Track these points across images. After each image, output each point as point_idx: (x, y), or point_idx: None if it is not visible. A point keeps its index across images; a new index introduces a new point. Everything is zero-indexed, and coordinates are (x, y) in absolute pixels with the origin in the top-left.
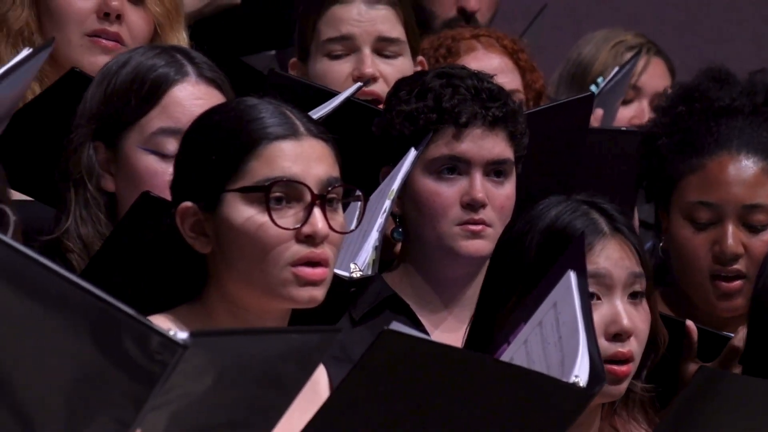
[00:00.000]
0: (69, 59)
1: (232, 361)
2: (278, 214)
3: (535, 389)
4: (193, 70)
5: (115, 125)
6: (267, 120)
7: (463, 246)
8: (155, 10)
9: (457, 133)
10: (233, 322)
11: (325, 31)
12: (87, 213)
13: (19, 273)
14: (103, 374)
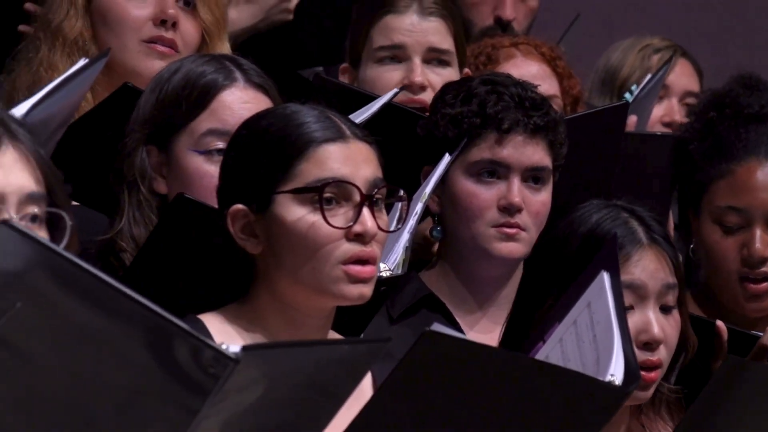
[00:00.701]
0: (125, 65)
1: (283, 371)
2: (329, 214)
3: (572, 388)
4: (241, 75)
5: (166, 129)
6: (314, 124)
7: (496, 247)
8: (206, 18)
9: (499, 139)
10: (281, 321)
11: (377, 39)
12: (140, 214)
13: (79, 286)
14: (158, 385)
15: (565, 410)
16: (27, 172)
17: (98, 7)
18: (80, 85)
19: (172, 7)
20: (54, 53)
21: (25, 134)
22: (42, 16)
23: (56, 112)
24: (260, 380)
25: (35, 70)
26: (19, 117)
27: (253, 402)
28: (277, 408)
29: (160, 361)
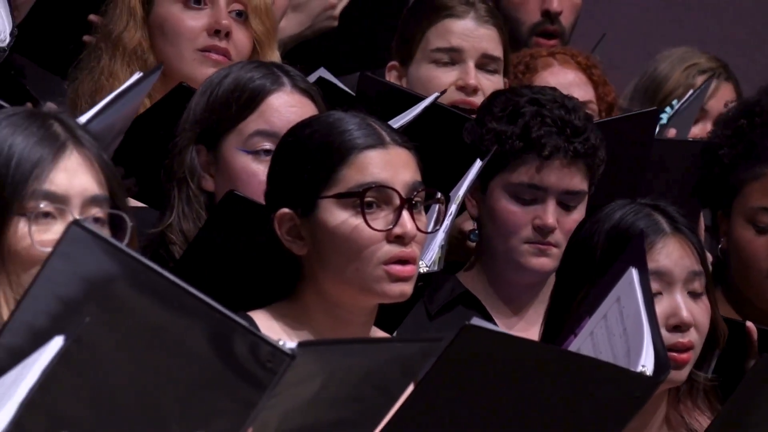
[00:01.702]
0: (181, 72)
1: (338, 368)
2: (370, 217)
3: (606, 378)
4: (288, 81)
5: (216, 130)
6: (355, 131)
7: (529, 261)
8: (258, 28)
9: (539, 165)
10: (326, 318)
11: (434, 40)
12: (189, 209)
13: (145, 285)
14: (218, 379)
15: (599, 400)
16: (90, 176)
17: (156, 18)
18: (135, 97)
19: (226, 17)
20: (114, 62)
21: (89, 139)
22: (103, 27)
23: (113, 123)
24: (316, 376)
25: (97, 78)
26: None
27: (310, 397)
28: (334, 403)
29: (220, 357)
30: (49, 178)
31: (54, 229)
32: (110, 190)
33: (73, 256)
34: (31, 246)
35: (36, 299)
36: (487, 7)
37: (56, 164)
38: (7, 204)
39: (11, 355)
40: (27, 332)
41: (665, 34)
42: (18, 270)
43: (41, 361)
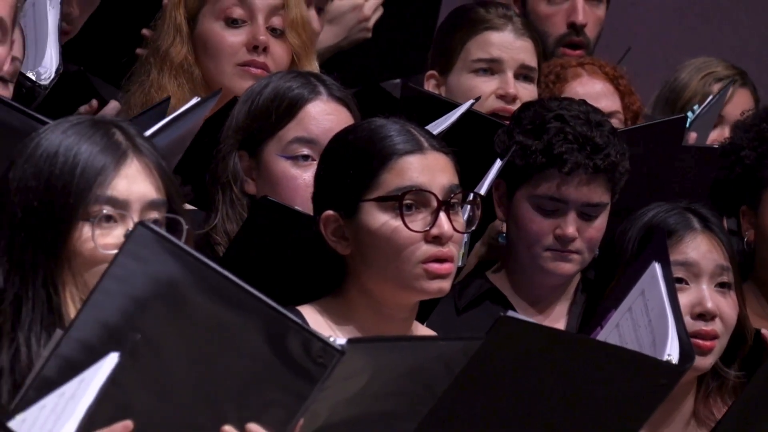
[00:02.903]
0: (222, 85)
1: (385, 364)
2: (409, 219)
3: (634, 367)
4: (324, 90)
5: (257, 137)
6: (395, 137)
7: (551, 266)
8: (294, 42)
9: (561, 180)
10: (370, 314)
11: (475, 51)
12: (232, 212)
13: (207, 283)
14: (273, 372)
15: (627, 388)
16: (149, 182)
17: (199, 34)
18: (192, 120)
19: (263, 33)
20: (162, 76)
21: (148, 147)
22: (152, 42)
23: (169, 144)
24: (364, 371)
25: (147, 91)
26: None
27: (357, 390)
28: (380, 397)
29: (275, 352)
30: (112, 184)
31: (115, 232)
32: (167, 194)
33: (140, 255)
34: (94, 248)
35: (104, 295)
36: (523, 20)
37: (118, 171)
38: (73, 209)
39: (82, 346)
40: (95, 325)
41: (686, 44)
42: (82, 271)
43: (99, 376)
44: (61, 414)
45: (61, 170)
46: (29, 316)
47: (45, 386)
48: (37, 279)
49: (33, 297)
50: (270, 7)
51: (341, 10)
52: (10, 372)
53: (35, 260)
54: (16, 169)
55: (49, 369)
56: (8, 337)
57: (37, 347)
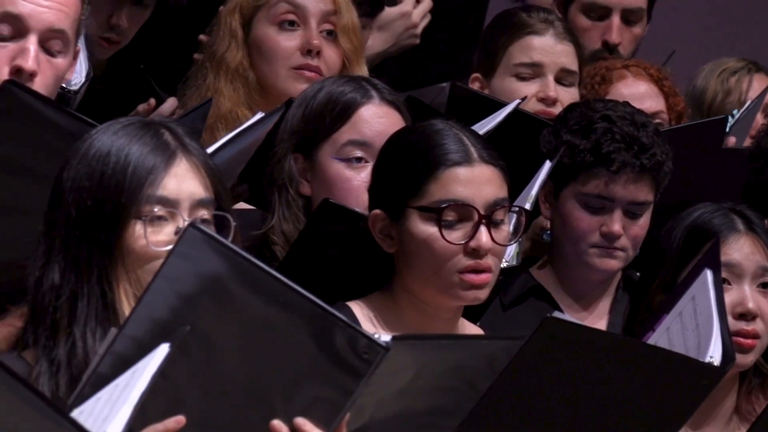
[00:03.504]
0: (277, 88)
1: (429, 360)
2: (449, 231)
3: (677, 368)
4: (376, 94)
5: (311, 139)
6: (447, 146)
7: (596, 262)
8: (346, 46)
9: (608, 178)
10: (414, 312)
11: (517, 55)
12: (289, 213)
13: (255, 282)
14: (320, 368)
15: (669, 387)
16: (197, 181)
17: (254, 39)
18: (256, 133)
19: (317, 38)
20: (218, 80)
21: (196, 147)
22: (208, 48)
23: (235, 156)
24: (409, 367)
25: (203, 94)
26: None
27: (402, 386)
28: (424, 393)
29: (322, 348)
30: (162, 184)
31: (166, 230)
32: (215, 193)
33: (190, 255)
34: (146, 246)
35: (156, 294)
36: (564, 25)
37: (167, 171)
38: (125, 208)
39: (135, 343)
40: (148, 323)
41: (725, 49)
42: (135, 267)
43: (150, 366)
44: (115, 403)
45: (113, 170)
46: (84, 311)
47: (100, 382)
48: (92, 276)
49: (88, 293)
50: (323, 13)
51: (390, 17)
52: (67, 366)
53: (90, 258)
54: (70, 169)
55: (103, 366)
56: (65, 332)
57: (92, 342)
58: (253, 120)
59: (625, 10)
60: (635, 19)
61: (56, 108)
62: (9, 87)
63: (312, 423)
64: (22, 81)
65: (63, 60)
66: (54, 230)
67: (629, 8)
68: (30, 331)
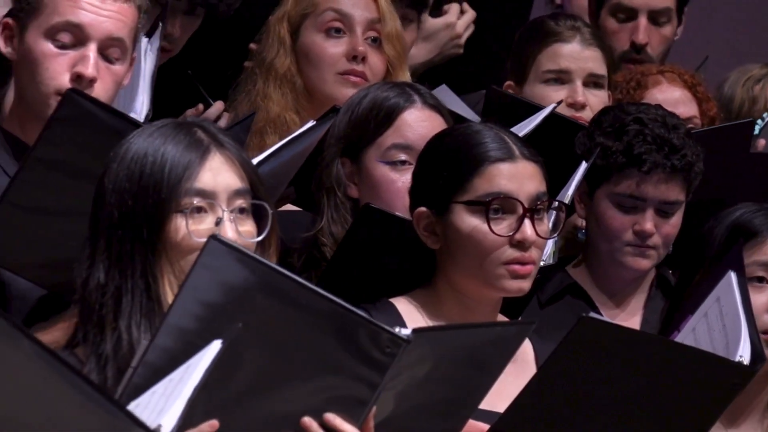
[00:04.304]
0: (324, 93)
1: (447, 350)
2: (495, 223)
3: (708, 367)
4: (419, 98)
5: (357, 144)
6: (489, 144)
7: (629, 261)
8: (390, 52)
9: (640, 178)
10: (456, 306)
11: (545, 63)
12: (337, 215)
13: (277, 287)
14: (345, 364)
15: (701, 386)
16: (233, 172)
17: (302, 46)
18: (307, 140)
19: (362, 44)
20: (267, 85)
21: (229, 141)
22: (258, 55)
23: (287, 162)
24: (428, 358)
25: (253, 100)
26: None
27: (422, 377)
28: (443, 382)
29: (345, 346)
30: (198, 177)
31: (206, 220)
32: (251, 183)
33: (213, 266)
34: (188, 236)
35: (183, 305)
36: (591, 31)
37: (203, 165)
38: (166, 203)
39: (165, 353)
40: (177, 333)
41: (757, 55)
42: (179, 259)
43: (203, 363)
44: (169, 396)
45: (151, 170)
46: (129, 305)
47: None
48: (136, 272)
49: (132, 288)
50: (367, 21)
51: (435, 28)
52: (114, 359)
53: (133, 254)
54: (110, 173)
55: (137, 376)
56: (111, 327)
57: (137, 334)
58: (304, 128)
59: (652, 10)
60: (663, 19)
61: (114, 114)
62: (70, 95)
63: (341, 417)
64: (82, 87)
65: (121, 67)
66: (98, 232)
67: (656, 9)
68: (80, 329)
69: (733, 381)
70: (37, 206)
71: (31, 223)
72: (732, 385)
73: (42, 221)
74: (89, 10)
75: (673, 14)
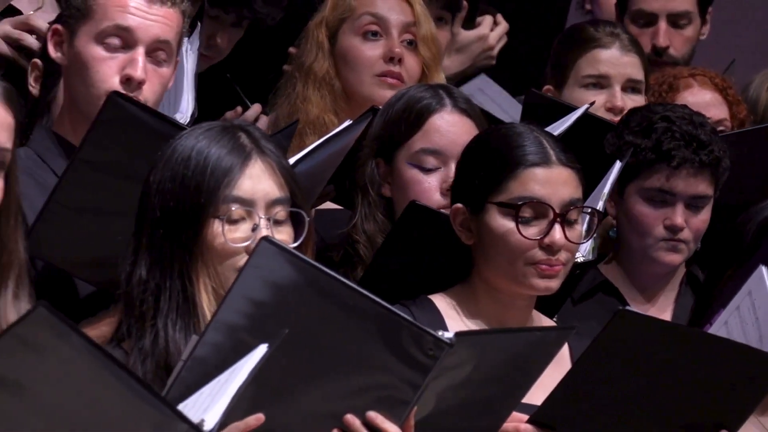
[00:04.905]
0: (361, 95)
1: (488, 353)
2: (525, 227)
3: (743, 359)
4: (450, 101)
5: (390, 145)
6: (527, 148)
7: (660, 256)
8: (425, 54)
9: (669, 173)
10: (491, 302)
11: (584, 68)
12: (370, 213)
13: (325, 288)
14: (389, 365)
15: (736, 378)
16: (272, 181)
17: (340, 49)
18: (345, 139)
19: (398, 46)
20: (307, 88)
21: (270, 148)
22: (297, 59)
23: (325, 160)
24: (470, 360)
25: (293, 103)
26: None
27: (463, 378)
28: (483, 383)
29: (390, 347)
30: (238, 184)
31: (243, 228)
32: (290, 191)
33: (264, 266)
34: (225, 243)
35: (233, 302)
36: (629, 38)
37: (243, 172)
38: (204, 208)
39: (214, 349)
40: (226, 330)
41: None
42: (215, 263)
43: (249, 364)
44: (215, 396)
45: (193, 172)
46: (166, 304)
47: (183, 386)
48: (174, 271)
49: (170, 288)
50: (403, 24)
51: (468, 40)
52: (152, 355)
53: (172, 255)
54: (155, 173)
55: (186, 370)
56: (150, 323)
57: (172, 332)
58: (341, 127)
59: (671, 14)
60: (683, 21)
61: (156, 116)
62: (114, 98)
63: (383, 416)
64: (131, 89)
65: (167, 69)
66: (142, 230)
67: (674, 12)
68: (124, 324)
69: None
70: (84, 206)
71: (78, 222)
72: (766, 377)
73: (89, 220)
74: (137, 14)
75: (694, 16)
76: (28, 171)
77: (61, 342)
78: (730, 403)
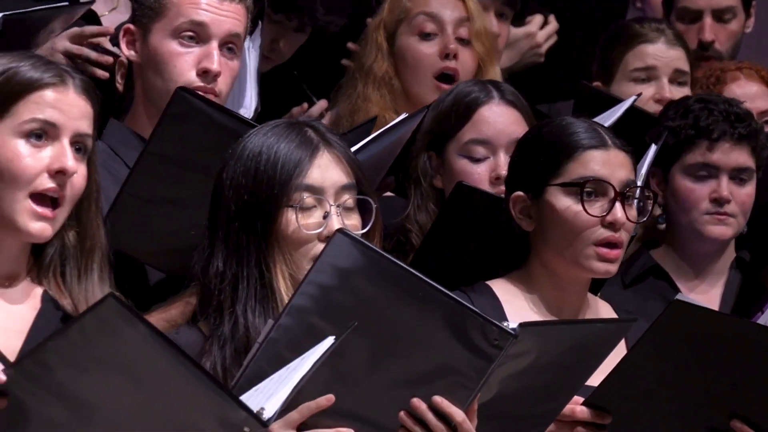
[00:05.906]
0: (419, 95)
1: (550, 343)
2: (588, 205)
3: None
4: (497, 94)
5: (441, 138)
6: (582, 133)
7: (709, 230)
8: (480, 49)
9: (710, 146)
10: (549, 286)
11: (632, 62)
12: (423, 204)
13: (395, 278)
14: (455, 353)
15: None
16: (340, 169)
17: (398, 50)
18: (401, 131)
19: (453, 43)
20: (367, 88)
21: (336, 140)
22: (357, 59)
23: (382, 151)
24: (533, 349)
25: (354, 102)
26: None
27: (526, 366)
28: (543, 371)
29: (457, 337)
30: (308, 173)
31: (315, 215)
32: (356, 179)
33: (338, 256)
34: (298, 230)
35: (308, 289)
36: (674, 32)
37: (312, 162)
38: (278, 198)
39: (287, 332)
40: (298, 315)
41: None
42: (290, 250)
43: (315, 354)
44: (281, 383)
45: (265, 166)
46: (245, 292)
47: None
48: (251, 260)
49: (247, 276)
50: (457, 20)
51: (516, 36)
52: (231, 340)
53: (249, 245)
54: (228, 169)
55: (260, 352)
56: (228, 311)
57: (252, 318)
58: (397, 120)
59: (716, 9)
60: (728, 16)
61: (221, 111)
62: (181, 94)
63: (448, 401)
64: (208, 81)
65: (237, 62)
66: (216, 223)
67: (719, 8)
68: (200, 312)
69: None
70: (153, 197)
71: (148, 212)
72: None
73: (158, 210)
74: (210, 10)
75: (738, 10)
76: (102, 163)
77: (128, 330)
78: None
